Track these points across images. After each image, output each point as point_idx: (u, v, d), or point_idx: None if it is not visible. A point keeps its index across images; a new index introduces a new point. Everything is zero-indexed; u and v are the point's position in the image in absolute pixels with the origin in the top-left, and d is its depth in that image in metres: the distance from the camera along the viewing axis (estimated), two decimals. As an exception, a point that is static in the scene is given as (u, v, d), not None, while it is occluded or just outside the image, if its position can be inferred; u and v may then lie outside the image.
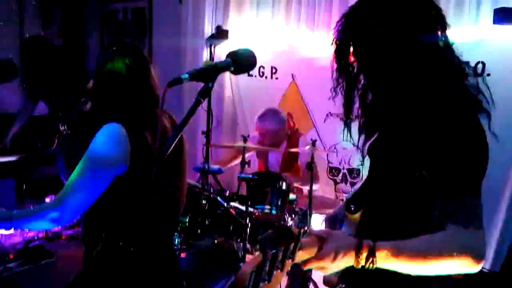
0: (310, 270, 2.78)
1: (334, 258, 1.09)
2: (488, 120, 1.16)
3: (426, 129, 1.11)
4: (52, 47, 4.09)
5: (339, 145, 3.90)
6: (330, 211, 1.57)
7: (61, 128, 1.93)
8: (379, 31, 1.15)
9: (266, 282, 0.87)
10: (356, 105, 1.28)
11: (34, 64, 3.96)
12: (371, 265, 1.09)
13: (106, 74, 1.57)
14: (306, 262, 1.11)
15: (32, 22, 5.09)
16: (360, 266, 1.10)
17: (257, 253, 0.86)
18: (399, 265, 1.10)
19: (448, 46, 1.18)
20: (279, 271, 0.91)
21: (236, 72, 1.16)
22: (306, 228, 1.08)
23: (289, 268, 1.08)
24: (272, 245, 0.85)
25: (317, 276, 2.70)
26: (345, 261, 1.11)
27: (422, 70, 1.15)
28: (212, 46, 4.46)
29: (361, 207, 1.24)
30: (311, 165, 2.88)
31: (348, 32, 1.21)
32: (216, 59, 4.46)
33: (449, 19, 1.19)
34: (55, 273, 2.67)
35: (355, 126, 1.32)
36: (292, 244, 0.95)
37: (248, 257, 2.67)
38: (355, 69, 1.23)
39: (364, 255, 1.09)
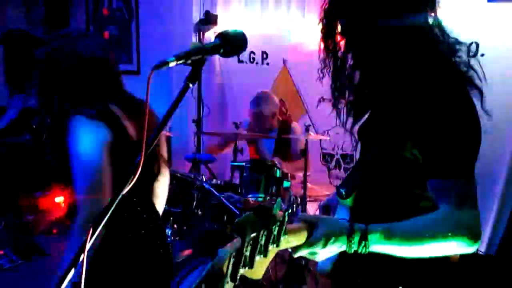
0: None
1: (325, 243, 1.07)
2: (481, 97, 1.15)
3: (416, 109, 1.09)
4: (34, 39, 3.99)
5: (332, 130, 3.86)
6: (324, 198, 1.54)
7: (48, 120, 1.89)
8: (366, 9, 1.13)
9: (247, 268, 0.81)
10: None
11: (17, 56, 3.87)
12: (363, 249, 1.07)
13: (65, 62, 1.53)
14: (296, 248, 1.08)
15: (14, 11, 4.96)
16: (352, 251, 1.08)
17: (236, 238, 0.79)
18: (392, 248, 1.08)
19: (437, 24, 1.17)
20: (262, 256, 0.85)
21: (225, 54, 1.09)
22: (289, 210, 1.03)
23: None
24: (251, 228, 0.79)
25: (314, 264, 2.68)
26: (337, 246, 1.08)
27: (411, 48, 1.13)
28: (201, 32, 4.37)
29: (352, 192, 1.22)
30: (305, 152, 2.84)
31: (335, 11, 1.18)
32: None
33: None
34: (48, 269, 2.63)
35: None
36: (276, 229, 0.89)
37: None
38: (342, 49, 1.20)
39: (356, 239, 1.07)
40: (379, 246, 1.07)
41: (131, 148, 1.49)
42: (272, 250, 0.91)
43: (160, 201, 1.78)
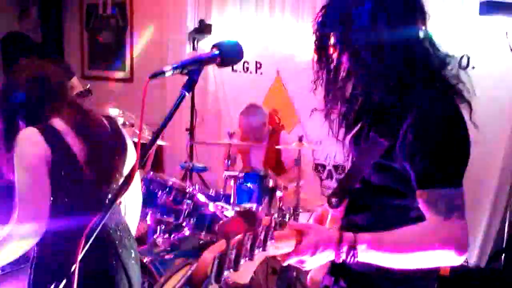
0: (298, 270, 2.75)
1: (314, 252, 1.07)
2: (470, 110, 1.16)
3: (405, 120, 1.10)
4: (31, 43, 3.98)
5: (324, 141, 3.87)
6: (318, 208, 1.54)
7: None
8: (358, 22, 1.14)
9: (231, 270, 0.81)
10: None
11: (14, 60, 3.85)
12: (352, 258, 1.07)
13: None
14: (285, 256, 1.07)
15: (8, 15, 4.94)
16: (341, 260, 1.08)
17: (221, 239, 0.79)
18: (380, 257, 1.08)
19: (428, 37, 1.18)
20: (247, 260, 0.85)
21: (222, 64, 1.11)
22: (275, 215, 1.02)
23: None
24: (235, 231, 0.79)
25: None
26: (326, 255, 1.08)
27: (401, 61, 1.14)
28: (195, 41, 4.38)
29: (342, 201, 1.22)
30: (299, 162, 2.85)
31: (328, 23, 1.20)
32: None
33: (434, 11, 1.18)
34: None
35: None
36: (263, 233, 0.89)
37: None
38: (335, 61, 1.21)
39: (344, 248, 1.07)
40: (368, 255, 1.07)
41: (73, 163, 1.56)
42: (259, 254, 0.90)
43: (131, 207, 1.85)
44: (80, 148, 1.58)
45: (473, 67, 3.09)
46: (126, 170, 1.73)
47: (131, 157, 1.76)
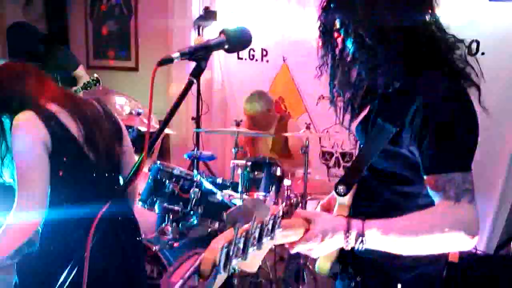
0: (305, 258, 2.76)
1: (322, 239, 1.06)
2: (478, 94, 1.15)
3: (412, 104, 1.09)
4: (37, 33, 3.96)
5: (331, 128, 3.85)
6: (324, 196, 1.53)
7: None
8: (364, 7, 1.13)
9: (240, 259, 0.81)
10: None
11: (20, 50, 3.84)
12: (360, 245, 1.06)
13: None
14: (293, 244, 1.07)
15: (13, 5, 4.92)
16: (349, 247, 1.07)
17: (228, 228, 0.79)
18: (389, 243, 1.07)
19: (434, 21, 1.17)
20: (256, 249, 0.85)
21: (230, 50, 1.10)
22: (283, 204, 1.02)
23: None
24: (243, 219, 0.78)
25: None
26: (334, 243, 1.08)
27: (407, 44, 1.13)
28: (200, 28, 4.35)
29: (350, 189, 1.21)
30: (307, 149, 2.84)
31: (333, 8, 1.19)
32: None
33: None
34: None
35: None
36: (271, 221, 0.89)
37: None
38: (339, 46, 1.20)
39: (353, 235, 1.06)
40: (376, 242, 1.07)
41: (73, 144, 1.58)
42: (267, 243, 0.90)
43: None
44: (77, 129, 1.60)
45: (483, 53, 3.05)
46: (125, 154, 1.75)
47: (126, 139, 1.79)
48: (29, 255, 1.63)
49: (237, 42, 1.10)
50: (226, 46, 1.08)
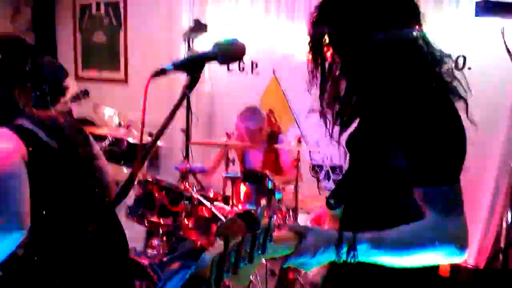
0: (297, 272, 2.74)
1: (314, 253, 1.06)
2: (466, 108, 1.16)
3: (400, 118, 1.11)
4: (27, 46, 3.92)
5: (321, 141, 3.85)
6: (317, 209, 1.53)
7: None
8: (353, 22, 1.14)
9: (230, 274, 0.79)
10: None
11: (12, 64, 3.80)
12: (352, 259, 1.06)
13: None
14: (284, 258, 1.07)
15: (0, 16, 4.88)
16: (341, 261, 1.07)
17: (219, 242, 0.77)
18: (381, 256, 1.07)
19: (421, 35, 1.18)
20: (247, 263, 0.84)
21: (223, 61, 1.10)
22: (274, 217, 1.01)
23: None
24: (235, 233, 0.77)
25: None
26: (326, 256, 1.07)
27: (395, 58, 1.14)
28: (190, 39, 4.35)
29: (341, 202, 1.22)
30: (298, 163, 2.84)
31: (323, 23, 1.20)
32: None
33: (430, 12, 1.17)
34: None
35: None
36: (262, 235, 0.88)
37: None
38: (328, 60, 1.22)
39: (344, 248, 1.06)
40: (368, 254, 1.07)
41: (50, 154, 1.53)
42: (259, 257, 0.89)
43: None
44: (52, 140, 1.56)
45: (469, 68, 3.09)
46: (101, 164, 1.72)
47: (94, 144, 1.75)
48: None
49: (230, 53, 1.10)
50: (220, 58, 1.08)
